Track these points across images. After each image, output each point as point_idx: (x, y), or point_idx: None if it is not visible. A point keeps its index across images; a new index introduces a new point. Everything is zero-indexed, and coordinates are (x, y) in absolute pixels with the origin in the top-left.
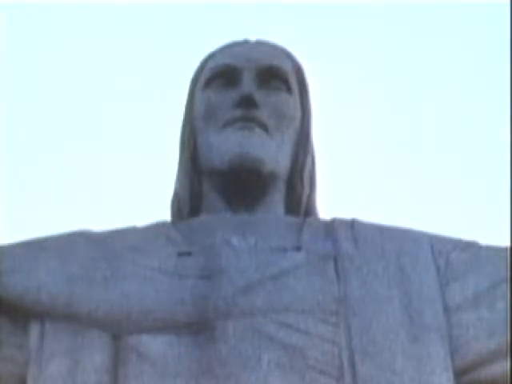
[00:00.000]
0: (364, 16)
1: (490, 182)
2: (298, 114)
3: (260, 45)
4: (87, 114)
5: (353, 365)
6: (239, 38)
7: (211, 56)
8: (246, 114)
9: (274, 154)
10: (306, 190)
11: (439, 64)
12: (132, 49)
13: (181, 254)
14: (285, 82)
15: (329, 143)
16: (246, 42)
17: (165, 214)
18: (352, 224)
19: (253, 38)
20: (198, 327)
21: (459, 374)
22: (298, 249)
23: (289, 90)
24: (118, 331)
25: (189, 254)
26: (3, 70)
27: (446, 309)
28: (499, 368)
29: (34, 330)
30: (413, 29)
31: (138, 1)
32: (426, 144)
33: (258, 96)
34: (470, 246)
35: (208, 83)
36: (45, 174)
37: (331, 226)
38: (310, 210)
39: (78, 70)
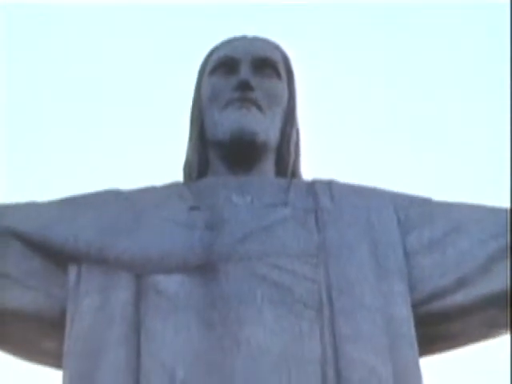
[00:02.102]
0: (364, 16)
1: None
2: (286, 95)
3: (255, 40)
4: (114, 89)
5: (330, 299)
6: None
7: (215, 49)
8: (243, 96)
9: (266, 128)
10: (292, 157)
11: (439, 63)
12: (139, 51)
13: (191, 209)
14: (275, 70)
15: (311, 118)
16: (243, 38)
17: (178, 177)
18: (329, 184)
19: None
20: (205, 269)
21: (416, 306)
22: (286, 204)
23: (278, 76)
24: (140, 272)
25: (197, 208)
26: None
27: (406, 253)
28: (448, 302)
29: (72, 271)
30: (413, 28)
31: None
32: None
33: (254, 81)
34: (425, 202)
35: (213, 71)
36: (77, 141)
37: (312, 186)
38: (295, 173)
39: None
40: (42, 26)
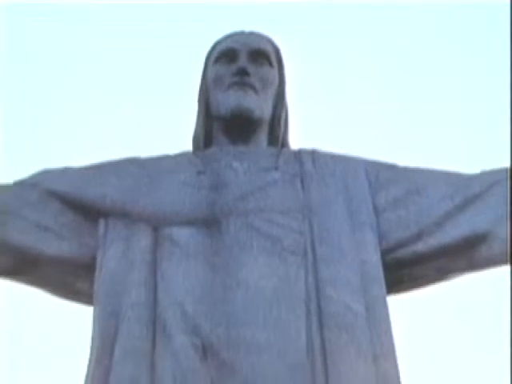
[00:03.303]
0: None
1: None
2: (277, 80)
3: (251, 34)
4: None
5: (313, 248)
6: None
7: (218, 42)
8: (241, 80)
9: (260, 107)
10: (282, 130)
11: (438, 63)
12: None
13: (198, 173)
14: (268, 59)
15: (298, 97)
16: (242, 33)
17: (188, 147)
18: (312, 152)
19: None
20: (210, 223)
21: (384, 253)
22: (276, 169)
23: (270, 64)
24: (156, 225)
25: (204, 173)
26: None
27: (376, 210)
28: (410, 250)
29: (101, 224)
30: (412, 28)
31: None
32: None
33: (250, 68)
34: (391, 167)
35: (216, 60)
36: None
37: (298, 154)
38: (284, 144)
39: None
40: None
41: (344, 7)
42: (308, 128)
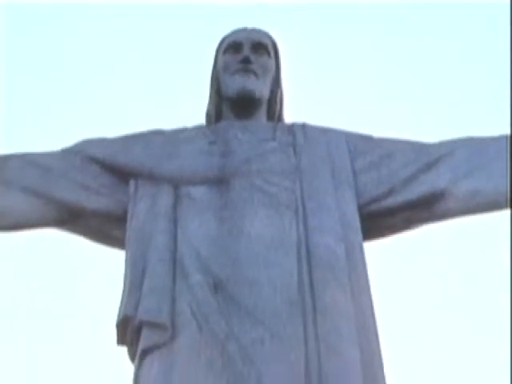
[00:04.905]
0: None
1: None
2: (274, 67)
3: (253, 30)
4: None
5: (303, 202)
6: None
7: (226, 37)
8: (245, 67)
9: (260, 89)
10: (278, 108)
11: (438, 62)
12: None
13: (210, 143)
14: (266, 50)
15: (291, 79)
16: (245, 29)
17: (202, 121)
18: (303, 126)
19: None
20: (220, 182)
21: (360, 207)
22: (273, 140)
23: (269, 55)
24: (177, 185)
25: (215, 143)
26: None
27: (354, 172)
28: (382, 205)
29: (132, 183)
30: (412, 28)
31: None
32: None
33: (252, 58)
34: (368, 138)
35: (225, 51)
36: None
37: (291, 127)
38: (280, 119)
39: None
40: None
41: None
42: (299, 106)
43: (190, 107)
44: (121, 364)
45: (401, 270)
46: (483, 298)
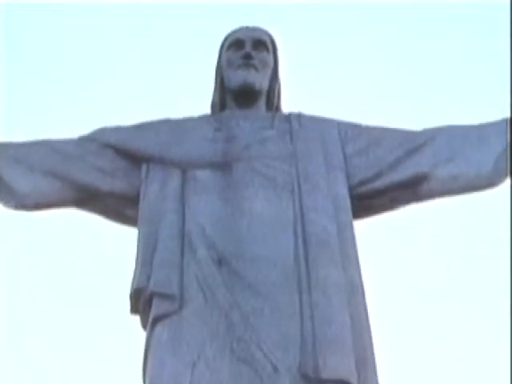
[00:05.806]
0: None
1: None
2: (272, 62)
3: (254, 29)
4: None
5: (299, 184)
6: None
7: (230, 35)
8: (247, 62)
9: (260, 82)
10: (276, 99)
11: (438, 62)
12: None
13: (215, 130)
14: (266, 47)
15: (288, 72)
16: (247, 27)
17: (207, 110)
18: (299, 115)
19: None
20: (224, 166)
21: (351, 189)
22: (272, 128)
23: (268, 51)
24: (185, 168)
25: (219, 130)
26: None
27: (344, 157)
28: (370, 187)
29: (144, 168)
30: (412, 28)
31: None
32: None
33: (253, 53)
34: (357, 126)
35: (228, 48)
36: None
37: (288, 116)
38: (278, 109)
39: None
40: None
41: None
42: (295, 97)
43: (190, 105)
44: (134, 331)
45: (390, 248)
46: (482, 281)
